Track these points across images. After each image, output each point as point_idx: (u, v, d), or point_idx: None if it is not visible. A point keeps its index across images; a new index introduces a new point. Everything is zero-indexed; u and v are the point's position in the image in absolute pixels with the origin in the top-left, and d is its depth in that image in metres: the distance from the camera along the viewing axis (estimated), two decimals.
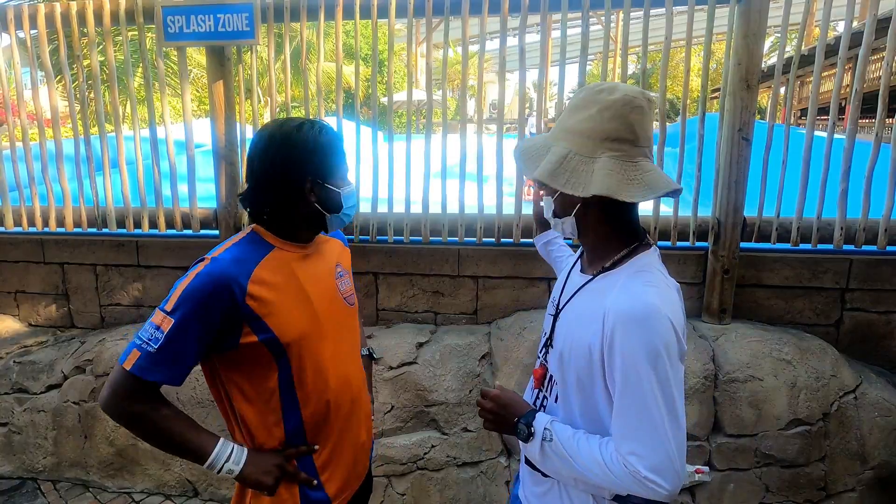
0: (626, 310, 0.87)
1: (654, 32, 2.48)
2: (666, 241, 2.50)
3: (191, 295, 1.01)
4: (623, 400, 0.87)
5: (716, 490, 2.26)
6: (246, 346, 1.07)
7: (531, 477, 1.13)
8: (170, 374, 1.01)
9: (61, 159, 2.82)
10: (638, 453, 0.85)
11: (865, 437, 2.20)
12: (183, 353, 1.02)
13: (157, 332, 1.00)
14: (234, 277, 1.04)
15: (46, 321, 3.12)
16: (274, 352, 1.09)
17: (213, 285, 1.02)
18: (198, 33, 2.48)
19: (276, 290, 1.10)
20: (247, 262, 1.09)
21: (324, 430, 1.19)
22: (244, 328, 1.06)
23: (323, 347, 1.17)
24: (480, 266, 2.64)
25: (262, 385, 1.11)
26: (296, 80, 10.44)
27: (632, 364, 0.85)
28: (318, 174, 1.13)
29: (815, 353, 2.27)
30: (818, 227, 2.37)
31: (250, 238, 1.16)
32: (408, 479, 2.42)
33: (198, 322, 1.01)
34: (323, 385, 1.17)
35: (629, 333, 0.85)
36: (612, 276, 0.96)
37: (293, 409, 1.14)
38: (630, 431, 0.86)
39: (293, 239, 1.18)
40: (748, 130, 2.27)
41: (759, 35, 2.21)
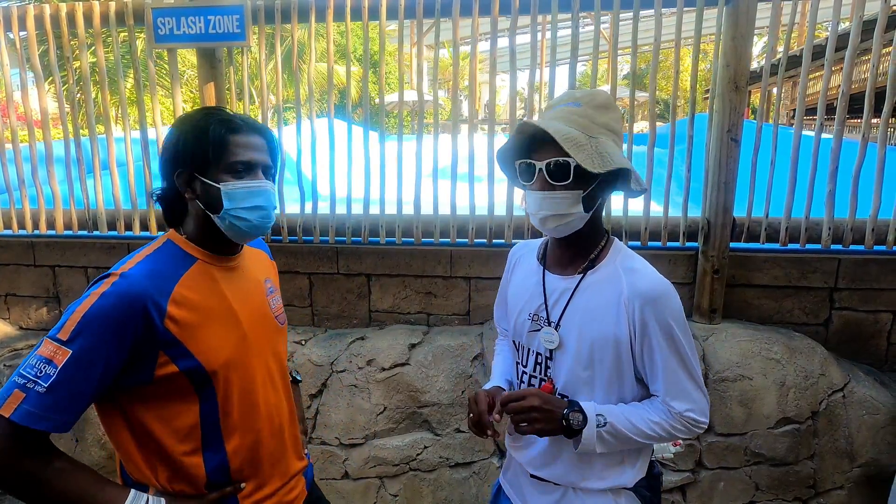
0: (650, 290, 0.99)
1: (644, 34, 2.49)
2: (656, 242, 2.52)
3: (95, 319, 0.84)
4: (668, 364, 0.99)
5: (706, 489, 2.28)
6: (162, 379, 0.91)
7: (538, 488, 1.13)
8: (61, 420, 0.83)
9: (51, 161, 2.80)
10: (691, 406, 1.00)
11: (854, 435, 2.23)
12: (80, 393, 0.83)
13: (48, 367, 0.82)
14: (149, 296, 0.89)
15: (37, 324, 3.10)
16: (196, 382, 0.95)
17: (124, 307, 0.86)
18: (188, 35, 2.48)
19: (201, 309, 0.96)
20: (165, 278, 0.94)
21: (251, 463, 1.05)
22: (160, 357, 0.90)
23: (253, 373, 1.04)
24: (473, 267, 2.65)
25: (179, 422, 0.95)
26: (290, 81, 10.42)
27: (668, 334, 0.98)
28: (194, 165, 0.97)
29: (803, 352, 2.29)
30: (806, 227, 2.39)
31: (167, 248, 1.00)
32: (400, 479, 2.42)
33: (103, 353, 0.84)
34: (253, 414, 1.04)
35: (659, 309, 0.98)
36: (605, 268, 1.04)
37: (216, 445, 0.99)
38: (680, 389, 1.00)
39: (214, 249, 1.03)
40: (737, 131, 2.29)
41: (747, 37, 2.23)
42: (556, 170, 0.96)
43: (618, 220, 2.51)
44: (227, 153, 0.97)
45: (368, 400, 2.43)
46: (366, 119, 2.72)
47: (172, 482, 0.98)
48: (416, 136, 2.64)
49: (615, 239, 1.08)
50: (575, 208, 0.98)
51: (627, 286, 0.99)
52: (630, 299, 0.98)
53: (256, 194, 0.99)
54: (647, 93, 7.43)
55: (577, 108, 0.98)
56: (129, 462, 0.98)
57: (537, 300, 1.10)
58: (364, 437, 2.43)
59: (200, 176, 0.97)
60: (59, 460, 0.87)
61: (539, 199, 0.99)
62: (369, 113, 2.73)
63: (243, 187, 0.98)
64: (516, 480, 1.20)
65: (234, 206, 0.98)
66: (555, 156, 0.96)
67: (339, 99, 12.79)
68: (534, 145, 1.01)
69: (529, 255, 1.20)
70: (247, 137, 1.00)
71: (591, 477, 1.07)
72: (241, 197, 0.98)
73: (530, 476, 1.13)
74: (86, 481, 0.88)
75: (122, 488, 0.92)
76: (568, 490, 1.09)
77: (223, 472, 1.02)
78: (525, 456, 1.14)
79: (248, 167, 0.99)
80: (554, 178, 0.97)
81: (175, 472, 0.98)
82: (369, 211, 2.68)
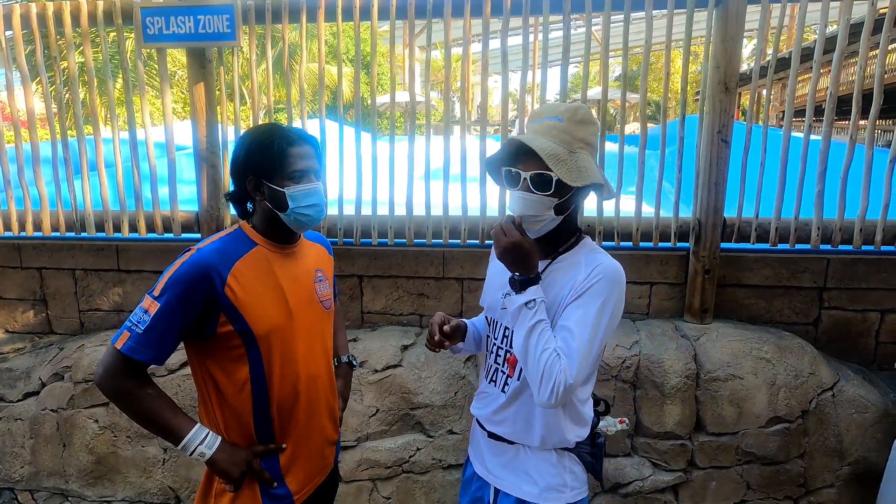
0: (612, 268, 1.11)
1: (635, 36, 2.50)
2: (648, 242, 2.53)
3: (176, 281, 1.10)
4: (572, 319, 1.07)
5: (698, 488, 2.28)
6: (222, 335, 1.15)
7: (493, 447, 1.28)
8: (154, 355, 1.11)
9: (38, 162, 2.76)
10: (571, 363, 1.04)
11: (843, 434, 2.25)
12: (166, 335, 1.11)
13: (145, 315, 1.10)
14: (215, 267, 1.13)
15: (24, 327, 3.06)
16: (246, 343, 1.16)
17: (195, 273, 1.11)
18: (177, 34, 2.45)
19: (254, 284, 1.18)
20: (230, 255, 1.17)
21: (290, 423, 1.25)
22: (220, 317, 1.14)
23: (295, 344, 1.24)
24: (465, 268, 2.64)
25: (234, 375, 1.18)
26: (281, 82, 10.37)
27: (588, 296, 1.08)
28: (260, 173, 1.19)
29: (793, 351, 2.31)
30: (796, 227, 2.41)
31: (236, 235, 1.24)
32: (393, 482, 2.41)
33: (180, 307, 1.10)
34: (293, 379, 1.24)
35: (607, 283, 1.08)
36: (573, 257, 1.16)
37: (263, 401, 1.21)
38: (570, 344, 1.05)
39: (275, 238, 1.26)
40: (727, 132, 2.30)
41: (737, 38, 2.24)
42: (539, 181, 1.09)
43: (609, 220, 2.52)
44: (287, 164, 1.19)
45: (361, 402, 2.41)
46: (357, 120, 2.70)
47: (229, 431, 1.21)
48: (409, 137, 2.64)
49: (587, 237, 1.22)
50: (548, 213, 1.12)
51: (586, 263, 1.13)
52: (592, 272, 1.10)
53: (312, 195, 1.22)
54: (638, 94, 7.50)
55: (560, 124, 1.09)
56: (203, 406, 1.24)
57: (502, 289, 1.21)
58: (356, 440, 2.41)
59: (267, 182, 1.19)
60: (150, 386, 1.16)
61: (519, 199, 1.12)
62: (361, 114, 2.72)
63: (302, 190, 1.20)
64: (476, 444, 1.35)
65: (296, 205, 1.20)
66: (538, 168, 1.08)
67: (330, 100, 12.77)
68: (520, 155, 1.12)
69: None
70: (301, 148, 1.21)
71: (534, 435, 1.19)
72: (301, 198, 1.20)
73: (488, 436, 1.27)
74: (165, 406, 1.16)
75: (191, 419, 1.17)
76: (520, 448, 1.23)
77: (267, 427, 1.23)
78: (483, 410, 1.28)
79: (304, 173, 1.21)
80: (536, 188, 1.10)
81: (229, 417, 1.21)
82: (361, 212, 2.66)
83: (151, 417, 1.14)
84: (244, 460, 1.18)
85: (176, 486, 2.56)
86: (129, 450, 2.55)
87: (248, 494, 1.21)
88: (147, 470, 2.56)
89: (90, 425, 2.55)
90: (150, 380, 1.17)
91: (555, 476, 1.20)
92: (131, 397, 1.14)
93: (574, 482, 1.22)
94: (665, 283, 2.57)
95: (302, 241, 1.34)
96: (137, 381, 1.14)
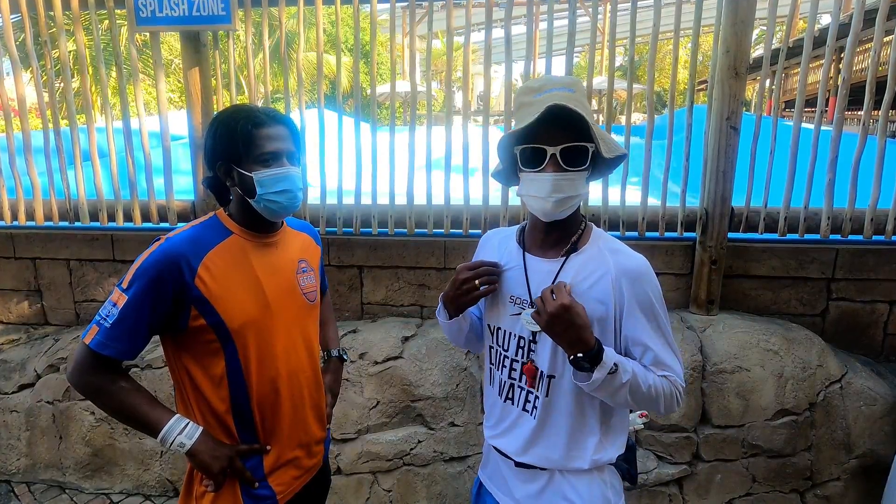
0: (635, 268, 1.03)
1: (641, 25, 2.44)
2: (654, 232, 2.48)
3: (144, 272, 1.05)
4: (652, 336, 1.03)
5: (703, 481, 2.26)
6: (194, 329, 1.09)
7: (522, 475, 1.12)
8: (123, 349, 1.06)
9: (30, 151, 2.70)
10: (672, 372, 1.04)
11: (851, 427, 2.21)
12: (136, 329, 1.05)
13: (114, 309, 1.05)
14: (185, 256, 1.07)
15: (19, 318, 3.01)
16: (221, 337, 1.11)
17: (164, 263, 1.05)
18: (171, 18, 2.38)
19: (227, 275, 1.11)
20: (202, 244, 1.11)
21: (273, 421, 1.19)
22: (192, 310, 1.08)
23: (273, 338, 1.17)
24: (467, 258, 2.57)
25: (210, 369, 1.12)
26: (279, 70, 10.25)
27: (650, 307, 1.03)
28: (229, 157, 1.12)
29: (801, 343, 2.27)
30: (805, 216, 2.36)
31: (210, 223, 1.17)
32: (394, 475, 2.38)
33: (149, 299, 1.04)
34: (272, 375, 1.17)
35: (642, 285, 1.02)
36: (589, 250, 1.06)
37: (243, 397, 1.15)
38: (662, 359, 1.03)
39: (252, 227, 1.18)
40: (736, 119, 2.24)
41: (748, 22, 2.18)
42: (573, 155, 0.97)
43: (615, 210, 2.47)
44: (254, 146, 1.10)
45: (361, 394, 2.38)
46: (357, 109, 2.64)
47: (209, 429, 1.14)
48: (409, 126, 2.58)
49: (592, 224, 1.12)
50: (583, 189, 1.02)
51: (615, 266, 1.02)
52: (617, 278, 1.01)
53: (283, 179, 1.13)
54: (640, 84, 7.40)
55: (572, 95, 0.97)
56: (180, 402, 1.18)
57: (518, 282, 1.09)
58: (356, 432, 2.38)
59: (236, 167, 1.12)
60: (123, 380, 1.10)
61: (551, 181, 0.98)
62: (360, 103, 2.65)
63: (271, 175, 1.12)
64: (497, 473, 1.18)
65: (265, 191, 1.12)
66: (570, 140, 0.96)
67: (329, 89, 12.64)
68: (539, 130, 0.96)
69: (506, 241, 1.18)
70: (270, 129, 1.12)
71: (579, 457, 1.06)
72: (270, 183, 1.12)
73: (515, 465, 1.11)
74: (142, 399, 1.10)
75: (170, 411, 1.11)
76: (554, 474, 1.09)
77: (248, 425, 1.16)
78: (508, 443, 1.12)
79: (274, 156, 1.12)
80: (568, 163, 0.98)
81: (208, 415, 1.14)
82: (361, 202, 2.61)
83: (127, 412, 1.09)
84: (226, 455, 1.12)
85: (174, 478, 2.53)
86: (127, 442, 2.51)
87: (228, 494, 1.15)
88: (145, 462, 2.53)
89: (86, 417, 2.52)
90: (125, 373, 1.12)
91: (598, 497, 1.09)
92: (104, 393, 1.09)
93: (615, 496, 1.12)
94: (670, 274, 2.53)
95: (285, 229, 1.27)
96: (109, 376, 1.09)
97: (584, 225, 1.09)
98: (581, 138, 0.96)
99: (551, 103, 0.91)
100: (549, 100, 0.93)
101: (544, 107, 0.91)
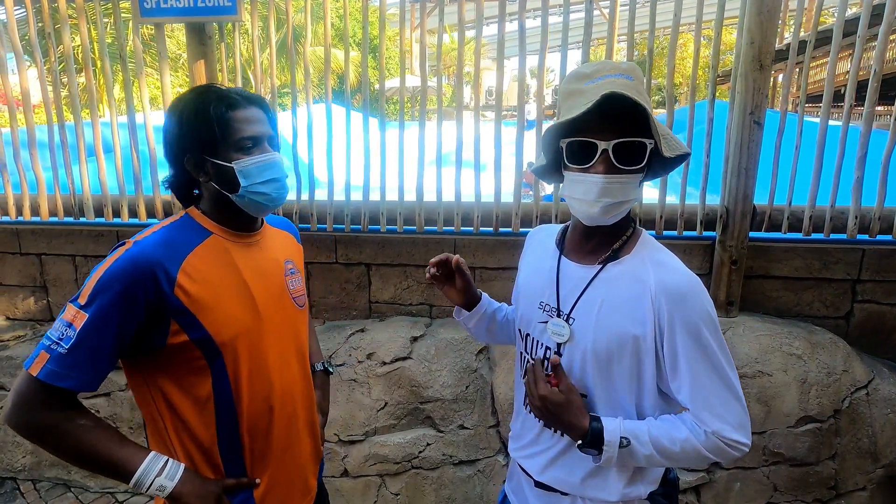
0: (679, 287, 0.88)
1: (660, 17, 2.35)
2: (672, 231, 2.39)
3: (108, 284, 0.87)
4: (696, 370, 0.87)
5: (722, 490, 2.18)
6: (175, 347, 0.93)
7: (542, 498, 1.05)
8: (84, 379, 0.87)
9: (34, 145, 2.67)
10: (725, 421, 0.87)
11: (877, 435, 2.13)
12: (98, 353, 0.87)
13: (69, 330, 0.86)
14: (160, 263, 0.91)
15: (25, 315, 2.99)
16: (208, 353, 0.95)
17: (134, 271, 0.88)
18: (176, 9, 2.32)
19: (212, 281, 0.96)
20: (178, 247, 0.95)
21: (266, 445, 1.05)
22: (172, 325, 0.92)
23: (265, 349, 1.03)
24: (478, 256, 2.53)
25: (194, 391, 0.96)
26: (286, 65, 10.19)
27: (696, 335, 0.87)
28: (199, 147, 0.96)
29: (826, 347, 2.18)
30: (831, 215, 2.26)
31: (184, 222, 1.01)
32: (402, 478, 2.33)
33: (116, 316, 0.87)
34: (266, 391, 1.03)
35: (686, 308, 0.87)
36: (631, 260, 0.93)
37: (231, 421, 1.00)
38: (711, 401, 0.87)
39: (231, 225, 1.04)
40: (760, 113, 2.15)
41: (774, 12, 2.08)
42: (627, 152, 0.84)
43: (632, 208, 2.38)
44: (231, 131, 0.96)
45: (368, 395, 2.32)
46: (365, 104, 2.58)
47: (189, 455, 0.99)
48: (419, 121, 2.51)
49: (643, 229, 0.99)
50: (635, 193, 0.88)
51: (656, 282, 0.89)
52: (657, 295, 0.88)
53: (269, 167, 1.00)
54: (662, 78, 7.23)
55: (631, 83, 0.83)
56: (154, 434, 1.01)
57: (549, 287, 1.00)
58: (364, 434, 2.33)
59: (211, 157, 0.97)
60: (82, 417, 0.90)
61: (602, 184, 0.85)
62: (369, 98, 2.59)
63: (256, 162, 0.98)
64: (520, 490, 1.11)
65: (250, 182, 0.98)
66: (624, 136, 0.83)
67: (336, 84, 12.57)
68: (590, 121, 0.83)
69: (548, 239, 1.09)
70: (246, 111, 0.98)
71: (605, 488, 0.97)
72: (255, 173, 0.98)
73: (535, 484, 1.04)
74: (108, 437, 0.91)
75: (143, 449, 0.93)
76: (576, 500, 1.00)
77: (236, 451, 1.01)
78: (531, 462, 1.05)
79: (255, 141, 0.99)
80: (622, 161, 0.84)
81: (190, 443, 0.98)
82: (369, 198, 2.55)
83: (89, 454, 0.89)
84: (214, 494, 0.95)
85: None
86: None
87: None
88: None
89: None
90: (82, 408, 0.92)
91: None
92: (57, 434, 0.88)
93: None
94: None
95: (266, 227, 1.13)
96: (64, 413, 0.89)
97: (631, 230, 0.96)
98: (639, 133, 0.83)
99: (607, 91, 0.79)
100: (605, 87, 0.81)
101: (599, 94, 0.79)
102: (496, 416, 2.31)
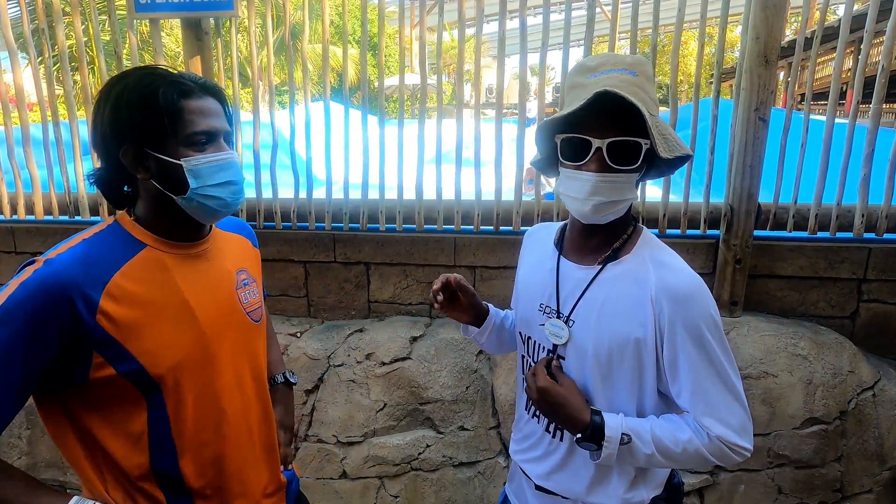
0: (678, 288, 0.86)
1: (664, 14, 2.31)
2: (675, 229, 2.36)
3: (10, 314, 0.73)
4: (697, 373, 0.86)
5: (725, 492, 2.15)
6: (99, 381, 0.79)
7: (543, 501, 1.03)
8: None
9: (28, 143, 2.63)
10: (726, 425, 0.86)
11: (884, 437, 2.10)
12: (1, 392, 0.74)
13: None
14: (76, 286, 0.76)
15: None
16: (142, 387, 0.82)
17: (44, 297, 0.74)
18: (171, 4, 2.29)
19: (144, 304, 0.82)
20: (102, 265, 0.80)
21: (213, 481, 0.93)
22: (95, 357, 0.78)
23: (215, 374, 0.91)
24: (478, 255, 2.50)
25: (126, 427, 0.83)
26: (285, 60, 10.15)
27: (697, 338, 0.85)
28: (142, 139, 0.82)
29: (831, 347, 2.15)
30: (837, 213, 2.23)
31: (111, 231, 0.86)
32: (401, 480, 2.30)
33: (21, 349, 0.73)
34: (213, 424, 0.91)
35: (688, 309, 0.86)
36: (632, 260, 0.92)
37: (169, 459, 0.88)
38: (713, 405, 0.86)
39: (171, 234, 0.89)
40: (765, 110, 2.11)
41: (780, 7, 2.04)
42: (622, 151, 0.83)
43: (634, 205, 2.35)
44: (183, 123, 0.83)
45: (367, 396, 2.29)
46: (364, 102, 2.54)
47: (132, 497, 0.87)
48: (418, 118, 2.47)
49: (644, 228, 0.97)
50: (630, 193, 0.87)
51: (656, 282, 0.87)
52: (657, 297, 0.87)
53: (225, 167, 0.87)
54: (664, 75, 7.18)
55: (633, 78, 0.81)
56: (75, 468, 0.87)
57: (548, 289, 0.98)
58: (363, 435, 2.30)
59: (154, 152, 0.82)
60: None
61: (594, 182, 0.83)
62: (368, 96, 2.55)
63: (210, 162, 0.85)
64: (521, 492, 1.11)
65: (201, 183, 0.84)
66: (620, 134, 0.82)
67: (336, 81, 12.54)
68: (585, 118, 0.82)
69: (546, 239, 1.06)
70: (202, 102, 0.85)
71: (604, 493, 0.96)
72: (208, 173, 0.85)
73: (535, 488, 1.03)
74: (18, 487, 0.77)
75: (62, 494, 0.79)
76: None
77: (178, 485, 0.89)
78: (532, 466, 1.04)
79: (210, 136, 0.86)
80: (616, 160, 0.83)
81: (126, 489, 0.86)
82: (368, 196, 2.52)
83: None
84: None
85: None
86: None
87: None
88: None
89: None
90: None
91: None
92: None
93: None
94: None
95: (214, 232, 0.98)
96: None
97: (632, 229, 0.94)
98: (634, 132, 0.82)
99: (601, 88, 0.77)
100: (604, 82, 0.79)
101: (595, 91, 0.78)
102: (497, 418, 2.28)
